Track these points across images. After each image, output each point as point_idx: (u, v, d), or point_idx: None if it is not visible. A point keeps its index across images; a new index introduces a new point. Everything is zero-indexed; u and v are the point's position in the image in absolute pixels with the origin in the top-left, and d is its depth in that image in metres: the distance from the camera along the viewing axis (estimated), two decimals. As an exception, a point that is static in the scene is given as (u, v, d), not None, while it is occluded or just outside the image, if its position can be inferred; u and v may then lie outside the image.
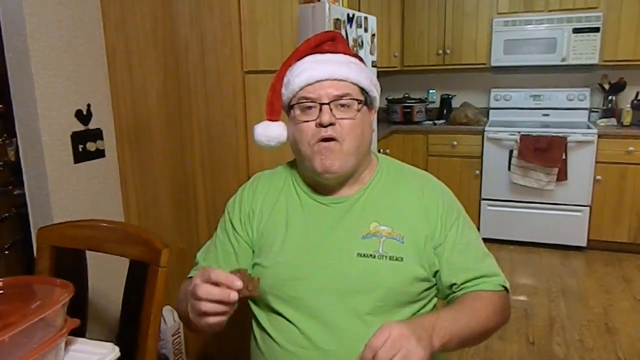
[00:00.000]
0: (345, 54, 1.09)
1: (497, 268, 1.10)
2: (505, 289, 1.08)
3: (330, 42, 1.11)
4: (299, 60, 1.09)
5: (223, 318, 0.86)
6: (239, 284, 0.82)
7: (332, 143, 1.03)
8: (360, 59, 1.13)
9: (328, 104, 1.02)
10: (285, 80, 1.10)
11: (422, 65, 4.17)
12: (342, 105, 1.04)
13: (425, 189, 1.11)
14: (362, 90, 1.08)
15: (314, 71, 1.04)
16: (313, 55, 1.07)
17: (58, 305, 0.92)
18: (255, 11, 1.73)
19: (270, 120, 1.15)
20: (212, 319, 0.85)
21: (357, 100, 1.05)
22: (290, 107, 1.09)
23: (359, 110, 1.05)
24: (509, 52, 3.85)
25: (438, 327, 0.89)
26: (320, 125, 1.02)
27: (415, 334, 0.82)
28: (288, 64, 1.11)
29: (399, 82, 4.50)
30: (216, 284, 0.84)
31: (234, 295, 0.82)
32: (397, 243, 1.04)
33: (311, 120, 1.04)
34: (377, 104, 1.16)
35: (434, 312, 0.96)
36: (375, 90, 1.12)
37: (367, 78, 1.09)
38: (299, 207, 1.12)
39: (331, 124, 1.02)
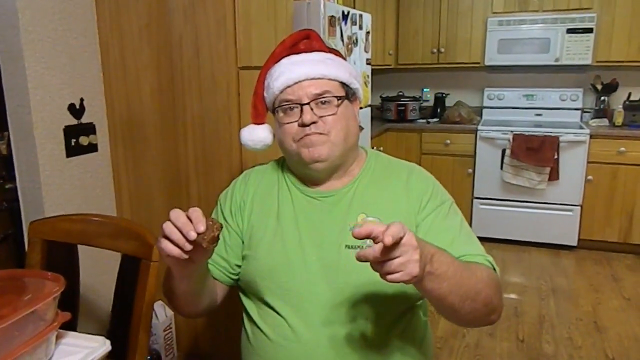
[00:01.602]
0: (321, 51, 1.10)
1: (482, 251, 1.07)
2: (494, 268, 1.04)
3: (305, 40, 1.12)
4: (276, 62, 1.10)
5: (175, 250, 0.85)
6: (201, 228, 0.83)
7: (317, 135, 1.04)
8: (338, 53, 1.14)
9: (308, 103, 1.04)
10: (265, 83, 1.12)
11: (417, 63, 4.18)
12: (323, 103, 1.05)
13: (410, 177, 1.13)
14: (343, 85, 1.09)
15: (292, 73, 1.05)
16: (289, 57, 1.08)
17: (49, 298, 0.93)
18: (250, 7, 1.73)
19: (255, 123, 1.18)
20: (166, 244, 0.84)
21: (336, 97, 1.06)
22: (274, 110, 1.11)
23: (338, 106, 1.06)
24: (503, 52, 3.86)
25: (435, 259, 0.84)
26: (303, 125, 1.04)
27: (421, 250, 0.79)
28: (267, 67, 1.12)
29: (393, 80, 4.51)
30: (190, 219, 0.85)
31: (192, 234, 0.83)
32: None
33: (294, 121, 1.05)
34: (361, 94, 1.16)
35: (435, 246, 0.87)
36: (356, 82, 1.12)
37: (345, 71, 1.10)
38: (290, 200, 1.13)
39: (314, 122, 1.03)
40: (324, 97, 1.05)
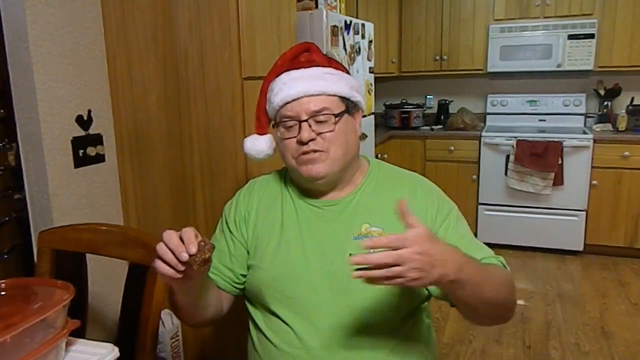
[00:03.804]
0: (320, 65, 1.10)
1: (492, 252, 1.11)
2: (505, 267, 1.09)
3: (305, 53, 1.13)
4: (277, 75, 1.11)
5: (169, 271, 0.87)
6: (193, 249, 0.85)
7: (316, 153, 1.05)
8: (338, 66, 1.14)
9: (306, 120, 1.05)
10: (267, 96, 1.13)
11: (420, 71, 4.20)
12: (321, 121, 1.05)
13: (415, 189, 1.14)
14: (343, 98, 1.09)
15: (290, 90, 1.06)
16: (288, 73, 1.09)
17: (59, 306, 0.94)
18: (254, 18, 1.76)
19: (258, 133, 1.20)
20: (159, 264, 0.87)
21: (334, 114, 1.06)
22: (275, 125, 1.13)
23: (336, 123, 1.06)
24: (505, 58, 3.88)
25: (465, 270, 0.88)
26: (301, 142, 1.05)
27: (444, 260, 0.84)
28: (268, 79, 1.14)
29: (397, 87, 4.53)
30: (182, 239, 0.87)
31: (184, 255, 0.85)
32: None
33: (293, 137, 1.07)
34: (363, 104, 1.16)
35: (466, 255, 0.91)
36: (357, 94, 1.12)
37: (345, 85, 1.10)
38: (293, 209, 1.14)
39: (312, 139, 1.04)
40: (321, 115, 1.05)
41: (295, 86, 1.06)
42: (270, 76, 1.14)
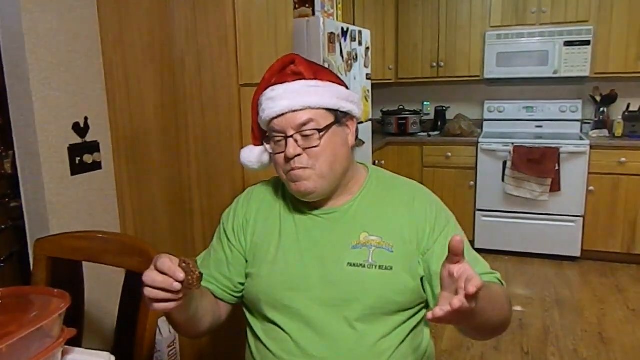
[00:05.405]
0: (306, 78, 1.08)
1: (488, 267, 1.11)
2: (502, 284, 1.09)
3: (292, 65, 1.11)
4: (265, 89, 1.10)
5: (170, 305, 0.87)
6: (180, 275, 0.84)
7: (302, 171, 1.05)
8: (326, 76, 1.12)
9: (292, 136, 1.04)
10: (257, 110, 1.13)
11: (417, 77, 4.22)
12: (306, 136, 1.05)
13: (415, 198, 1.13)
14: (330, 110, 1.07)
15: (275, 106, 1.05)
16: (273, 88, 1.08)
17: (55, 315, 0.94)
18: (251, 25, 1.76)
19: (253, 144, 1.20)
20: (158, 305, 0.87)
21: (318, 130, 1.04)
22: (267, 138, 1.13)
23: (321, 138, 1.05)
24: (502, 65, 3.90)
25: (479, 305, 0.86)
26: (287, 158, 1.05)
27: None
28: (258, 93, 1.13)
29: (394, 94, 4.55)
30: (162, 272, 0.85)
31: (176, 285, 0.84)
32: (387, 253, 1.06)
33: (281, 152, 1.07)
34: (358, 112, 1.14)
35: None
36: (348, 103, 1.10)
37: (332, 96, 1.08)
38: (291, 217, 1.14)
39: (298, 155, 1.04)
40: (306, 130, 1.04)
41: (280, 102, 1.05)
42: (260, 89, 1.13)
